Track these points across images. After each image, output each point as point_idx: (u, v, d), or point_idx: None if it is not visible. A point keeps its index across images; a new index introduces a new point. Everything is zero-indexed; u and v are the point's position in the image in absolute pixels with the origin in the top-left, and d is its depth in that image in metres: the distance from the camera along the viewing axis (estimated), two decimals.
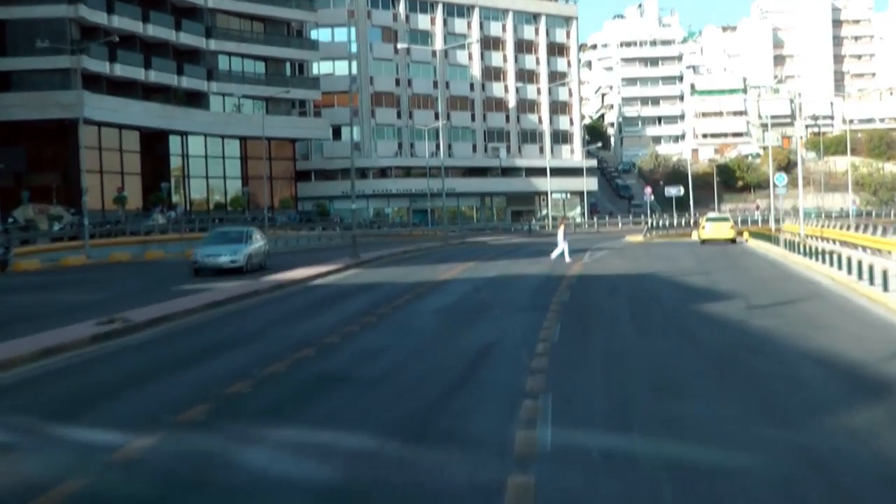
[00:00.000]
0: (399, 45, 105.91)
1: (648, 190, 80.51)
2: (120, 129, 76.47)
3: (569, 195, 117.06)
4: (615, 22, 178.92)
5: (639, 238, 68.10)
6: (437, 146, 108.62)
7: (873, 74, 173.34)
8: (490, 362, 15.30)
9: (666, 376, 13.67)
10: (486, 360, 15.50)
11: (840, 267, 28.04)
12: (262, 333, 19.34)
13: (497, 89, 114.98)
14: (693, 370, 14.14)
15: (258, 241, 38.42)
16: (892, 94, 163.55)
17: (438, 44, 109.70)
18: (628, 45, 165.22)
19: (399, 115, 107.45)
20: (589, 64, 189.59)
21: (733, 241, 56.42)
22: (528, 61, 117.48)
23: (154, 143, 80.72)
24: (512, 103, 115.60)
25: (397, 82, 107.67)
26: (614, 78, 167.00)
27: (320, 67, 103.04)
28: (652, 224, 72.85)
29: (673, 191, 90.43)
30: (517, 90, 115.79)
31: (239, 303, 24.97)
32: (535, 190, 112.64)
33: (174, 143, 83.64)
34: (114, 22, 74.40)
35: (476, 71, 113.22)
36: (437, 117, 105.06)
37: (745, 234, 60.65)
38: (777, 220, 67.73)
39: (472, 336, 18.17)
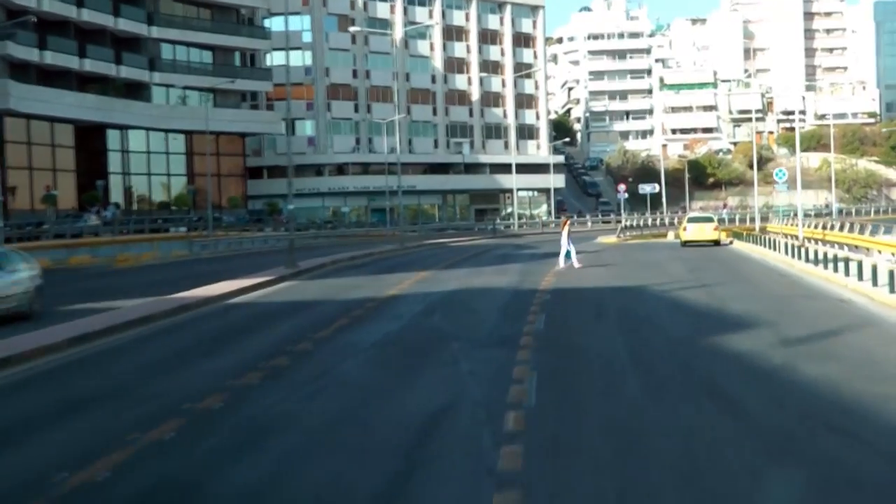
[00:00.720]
0: (356, 34, 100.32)
1: (622, 187, 75.07)
2: (52, 122, 70.59)
3: (535, 193, 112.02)
4: (582, 15, 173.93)
5: (612, 239, 62.98)
6: (397, 141, 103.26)
7: (845, 68, 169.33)
8: (435, 454, 9.90)
9: (721, 494, 8.33)
10: (429, 448, 10.13)
11: (876, 282, 22.89)
12: (120, 392, 13.75)
13: (460, 81, 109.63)
14: (761, 479, 8.75)
15: (15, 273, 22.75)
16: (864, 88, 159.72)
17: (398, 33, 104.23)
18: (595, 37, 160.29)
19: (357, 109, 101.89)
20: (555, 58, 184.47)
21: (717, 242, 51.44)
22: (493, 52, 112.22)
23: (90, 138, 74.79)
24: (475, 96, 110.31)
25: (355, 74, 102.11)
26: (581, 72, 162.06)
27: (273, 58, 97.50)
28: (625, 224, 67.71)
29: (647, 188, 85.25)
30: (481, 82, 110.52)
31: (118, 335, 19.31)
32: (499, 187, 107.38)
33: (113, 137, 77.80)
34: (44, 5, 68.47)
35: (438, 62, 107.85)
36: (396, 111, 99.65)
37: (724, 234, 55.54)
38: (763, 219, 62.83)
39: (414, 396, 12.76)
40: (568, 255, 35.12)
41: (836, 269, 27.09)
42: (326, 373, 14.69)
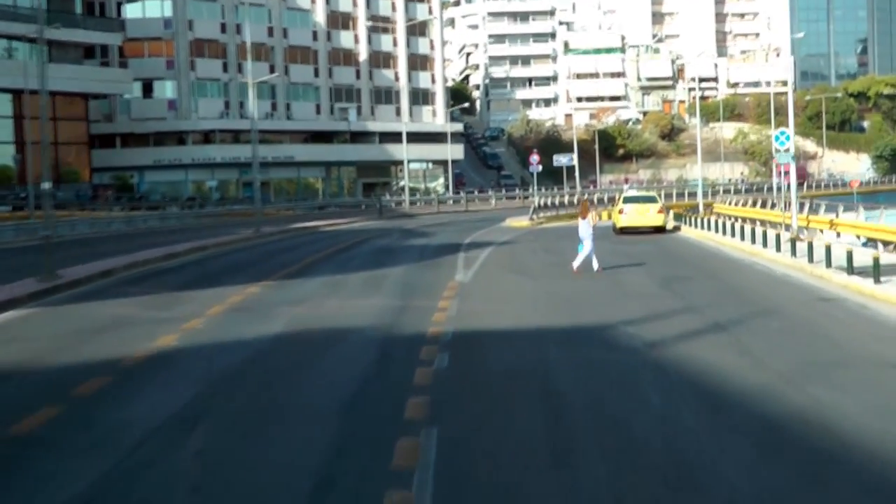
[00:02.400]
0: None
1: (535, 158, 62.93)
2: None
3: (430, 165, 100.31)
4: None
5: (524, 222, 51.32)
6: (273, 105, 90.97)
7: (757, 35, 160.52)
8: None
9: None
10: None
11: None
12: None
13: (345, 39, 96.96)
14: None
15: None
16: (778, 55, 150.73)
17: None
18: None
19: (226, 68, 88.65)
20: (452, 22, 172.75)
21: (662, 229, 40.17)
22: (382, 6, 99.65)
23: None
24: (363, 56, 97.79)
25: (223, 28, 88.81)
26: (480, 36, 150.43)
27: (127, 8, 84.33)
28: (538, 203, 55.78)
29: (563, 159, 73.25)
30: (369, 40, 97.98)
31: None
32: (390, 158, 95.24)
33: None
34: None
35: (320, 17, 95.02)
36: (272, 71, 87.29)
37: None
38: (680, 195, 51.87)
39: None
40: (589, 254, 23.73)
41: None
42: None
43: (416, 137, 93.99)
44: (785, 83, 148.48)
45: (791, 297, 19.17)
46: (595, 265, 23.76)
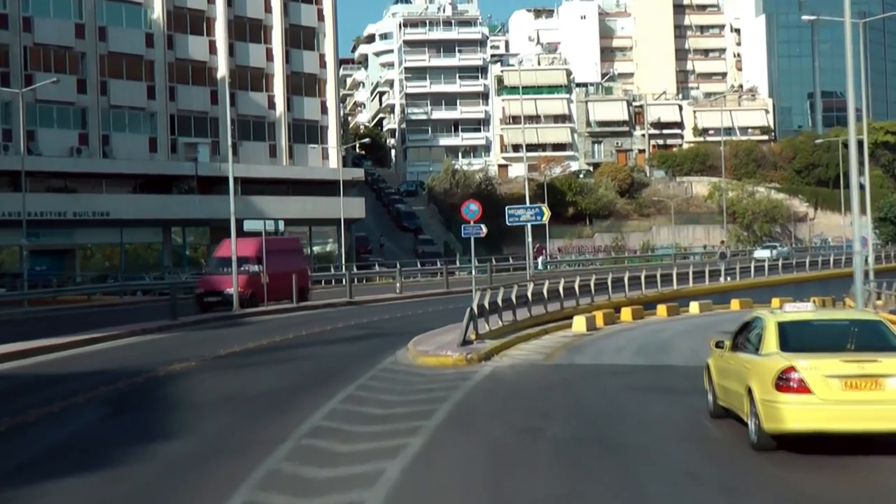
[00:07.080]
0: None
1: (475, 207, 32.59)
2: None
3: (276, 226, 71.58)
4: (399, 7, 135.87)
5: (448, 355, 22.52)
6: (83, 138, 63.02)
7: (724, 74, 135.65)
8: None
9: None
10: None
11: None
12: None
13: (196, 47, 69.04)
14: None
15: None
16: (754, 97, 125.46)
17: None
18: (414, 25, 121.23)
19: (6, 81, 59.90)
20: (365, 60, 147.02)
21: None
22: (252, 5, 71.78)
23: None
24: (222, 72, 69.64)
25: (4, 22, 60.35)
26: (396, 73, 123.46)
27: None
28: (478, 304, 25.95)
29: (525, 214, 43.78)
30: (231, 51, 69.90)
31: None
32: (259, 215, 66.63)
33: None
34: None
35: (158, 14, 66.89)
36: (81, 88, 59.38)
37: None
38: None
39: None
40: None
41: None
42: None
43: (297, 187, 66.36)
44: (763, 130, 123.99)
45: None
46: None
